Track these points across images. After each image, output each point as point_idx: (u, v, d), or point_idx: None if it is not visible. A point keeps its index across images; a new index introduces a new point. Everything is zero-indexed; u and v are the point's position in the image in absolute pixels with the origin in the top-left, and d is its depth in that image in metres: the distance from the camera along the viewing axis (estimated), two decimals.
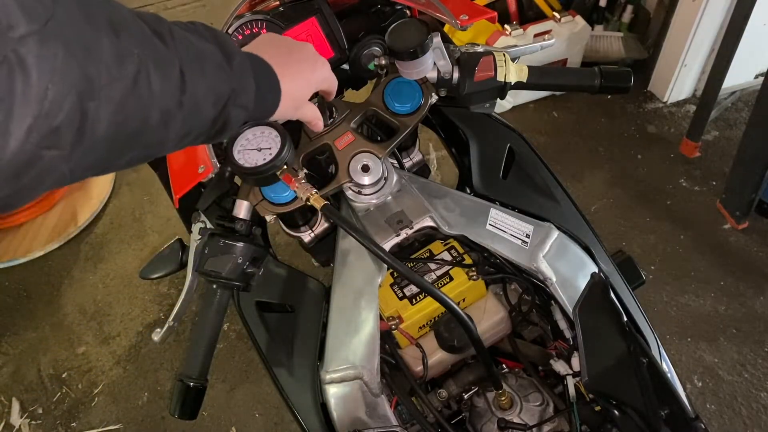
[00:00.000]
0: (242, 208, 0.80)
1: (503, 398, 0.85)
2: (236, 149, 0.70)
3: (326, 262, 0.96)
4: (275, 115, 0.65)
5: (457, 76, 0.85)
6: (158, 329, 0.80)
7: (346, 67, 0.93)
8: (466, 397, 0.90)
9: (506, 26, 2.32)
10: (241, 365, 1.91)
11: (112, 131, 0.42)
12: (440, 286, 0.89)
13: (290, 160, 0.71)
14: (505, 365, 0.95)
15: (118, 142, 0.44)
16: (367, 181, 0.83)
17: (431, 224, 0.83)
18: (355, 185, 0.84)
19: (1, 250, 2.29)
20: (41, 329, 2.09)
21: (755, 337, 1.78)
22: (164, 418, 1.82)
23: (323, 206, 0.70)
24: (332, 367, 0.78)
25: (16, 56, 0.35)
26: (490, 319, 0.91)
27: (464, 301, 0.92)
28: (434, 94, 0.87)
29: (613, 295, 0.83)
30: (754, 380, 1.70)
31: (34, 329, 2.09)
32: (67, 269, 2.26)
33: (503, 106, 2.57)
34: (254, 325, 0.85)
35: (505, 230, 0.84)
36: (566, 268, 0.83)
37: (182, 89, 0.47)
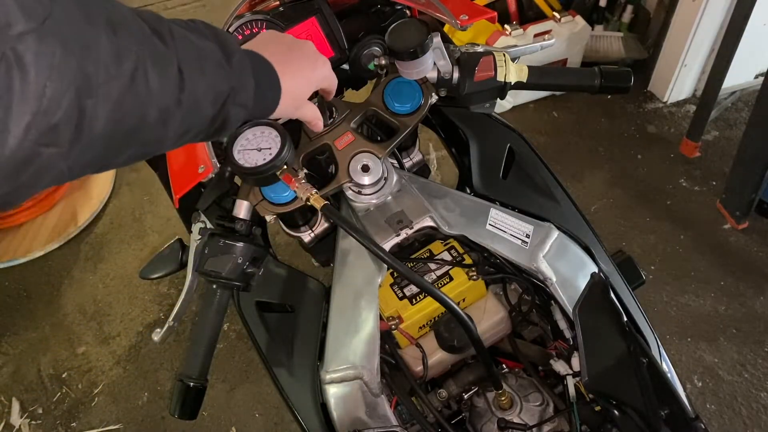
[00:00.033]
0: (242, 208, 0.80)
1: (503, 398, 0.85)
2: (236, 149, 0.70)
3: (326, 262, 0.96)
4: (275, 113, 0.64)
5: (457, 76, 0.85)
6: (158, 329, 0.80)
7: (346, 67, 0.93)
8: (466, 397, 0.90)
9: (506, 26, 2.32)
10: (241, 365, 1.90)
11: (110, 128, 0.42)
12: (440, 286, 0.89)
13: (290, 160, 0.71)
14: (505, 365, 0.95)
15: (116, 139, 0.44)
16: (367, 181, 0.83)
17: (431, 224, 0.83)
18: (355, 185, 0.84)
19: (1, 250, 2.29)
20: (41, 329, 2.09)
21: (755, 337, 1.78)
22: (164, 418, 1.82)
23: (323, 206, 0.70)
24: (332, 367, 0.78)
25: (14, 54, 0.35)
26: (490, 319, 0.91)
27: (464, 301, 0.92)
28: (434, 94, 0.87)
29: (613, 295, 0.83)
30: (754, 380, 1.70)
31: (34, 329, 2.09)
32: (67, 269, 2.26)
33: (503, 106, 2.57)
34: (254, 325, 0.85)
35: (505, 230, 0.84)
36: (566, 268, 0.83)
37: (181, 87, 0.47)
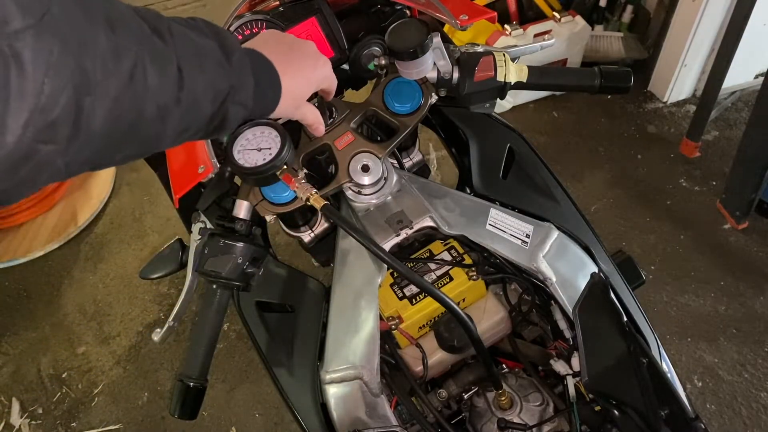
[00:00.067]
0: (242, 208, 0.80)
1: (503, 398, 0.85)
2: (236, 149, 0.70)
3: (326, 262, 0.96)
4: (275, 112, 0.64)
5: (457, 76, 0.85)
6: (158, 329, 0.80)
7: (346, 67, 0.93)
8: (466, 397, 0.90)
9: (506, 26, 2.32)
10: (241, 365, 1.91)
11: (107, 126, 0.42)
12: (440, 286, 0.89)
13: (290, 160, 0.71)
14: (505, 365, 0.95)
15: (114, 136, 0.44)
16: (367, 181, 0.83)
17: (431, 224, 0.83)
18: (355, 185, 0.84)
19: (1, 250, 2.29)
20: (41, 329, 2.09)
21: (755, 337, 1.78)
22: (164, 418, 1.82)
23: (323, 206, 0.70)
24: (332, 367, 0.78)
25: (11, 50, 0.35)
26: (490, 319, 0.91)
27: (464, 301, 0.92)
28: (434, 94, 0.87)
29: (613, 295, 0.83)
30: (754, 380, 1.70)
31: (34, 329, 2.09)
32: (67, 269, 2.26)
33: (503, 106, 2.57)
34: (254, 325, 0.85)
35: (505, 230, 0.84)
36: (566, 268, 0.83)
37: (180, 85, 0.47)
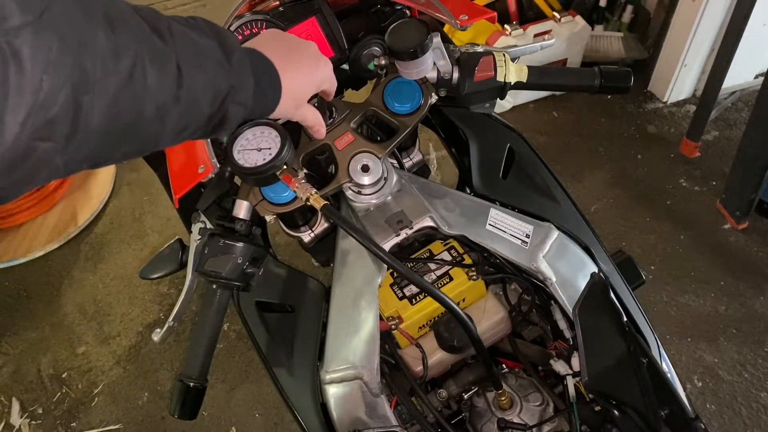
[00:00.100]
0: (242, 208, 0.80)
1: (503, 398, 0.85)
2: (236, 149, 0.70)
3: (326, 262, 0.96)
4: (275, 112, 0.64)
5: (457, 76, 0.85)
6: (158, 329, 0.80)
7: (346, 67, 0.93)
8: (466, 397, 0.90)
9: (506, 26, 2.32)
10: (241, 365, 1.91)
11: (106, 124, 0.42)
12: (440, 286, 0.89)
13: (290, 160, 0.71)
14: (505, 365, 0.95)
15: (112, 135, 0.44)
16: (367, 181, 0.83)
17: (431, 224, 0.83)
18: (355, 185, 0.84)
19: (1, 250, 2.29)
20: (41, 329, 2.09)
21: (755, 337, 1.78)
22: (164, 418, 1.82)
23: (323, 206, 0.70)
24: (332, 367, 0.78)
25: (10, 47, 0.35)
26: (490, 319, 0.91)
27: (464, 301, 0.92)
28: (434, 94, 0.87)
29: (613, 295, 0.83)
30: (754, 380, 1.70)
31: (34, 329, 2.09)
32: (67, 269, 2.26)
33: (503, 106, 2.57)
34: (254, 325, 0.85)
35: (505, 230, 0.84)
36: (566, 268, 0.83)
37: (179, 84, 0.47)
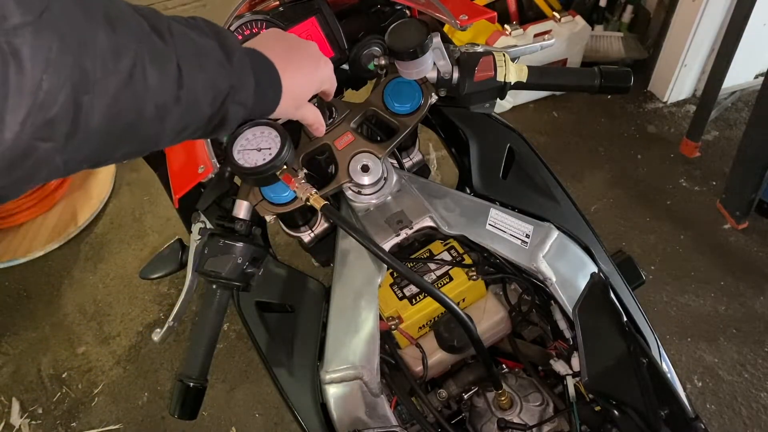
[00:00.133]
0: (242, 208, 0.80)
1: (503, 398, 0.85)
2: (236, 149, 0.70)
3: (326, 262, 0.96)
4: (276, 112, 0.64)
5: (456, 76, 0.85)
6: (158, 329, 0.80)
7: (346, 67, 0.93)
8: (466, 397, 0.90)
9: (506, 26, 2.32)
10: (241, 365, 1.91)
11: (106, 124, 0.42)
12: (440, 286, 0.89)
13: (290, 160, 0.71)
14: (505, 365, 0.95)
15: (112, 135, 0.44)
16: (366, 181, 0.83)
17: (431, 224, 0.83)
18: (354, 185, 0.84)
19: (1, 250, 2.29)
20: (41, 329, 2.09)
21: (755, 337, 1.78)
22: (164, 418, 1.82)
23: (323, 206, 0.70)
24: (332, 367, 0.78)
25: (9, 47, 0.35)
26: (490, 319, 0.91)
27: (464, 301, 0.92)
28: (434, 94, 0.87)
29: (613, 295, 0.83)
30: (754, 380, 1.70)
31: (34, 329, 2.09)
32: (67, 269, 2.26)
33: (503, 106, 2.57)
34: (254, 325, 0.85)
35: (504, 230, 0.84)
36: (566, 268, 0.83)
37: (179, 84, 0.47)
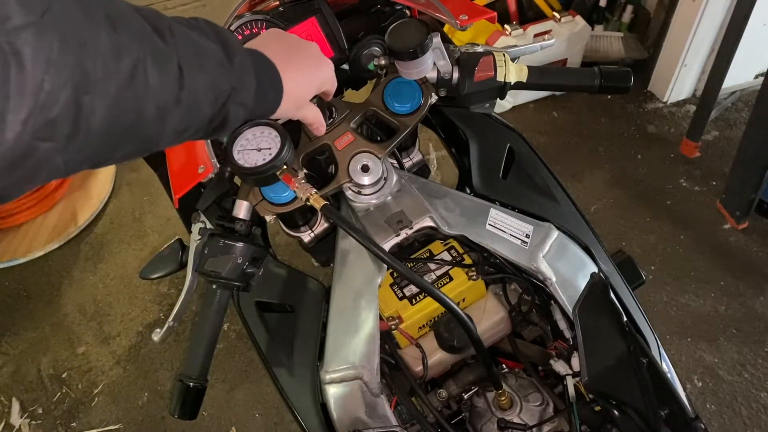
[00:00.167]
0: (242, 208, 0.80)
1: (503, 398, 0.85)
2: (236, 149, 0.70)
3: (326, 262, 0.96)
4: (277, 113, 0.64)
5: (456, 76, 0.85)
6: (158, 329, 0.80)
7: (346, 67, 0.93)
8: (466, 397, 0.90)
9: (506, 26, 2.32)
10: (241, 365, 1.91)
11: (107, 125, 0.42)
12: (440, 286, 0.89)
13: (290, 160, 0.71)
14: (505, 365, 0.95)
15: (113, 135, 0.44)
16: (366, 181, 0.83)
17: (431, 224, 0.83)
18: (354, 185, 0.84)
19: (1, 250, 2.29)
20: (41, 329, 2.09)
21: (755, 337, 1.78)
22: (164, 418, 1.82)
23: (323, 206, 0.70)
24: (332, 367, 0.78)
25: (11, 47, 0.35)
26: (490, 319, 0.91)
27: (464, 301, 0.92)
28: (434, 94, 0.87)
29: (613, 295, 0.83)
30: (754, 380, 1.70)
31: (34, 329, 2.09)
32: (67, 269, 2.26)
33: (503, 106, 2.57)
34: (254, 325, 0.85)
35: (504, 230, 0.84)
36: (566, 268, 0.83)
37: (180, 85, 0.47)
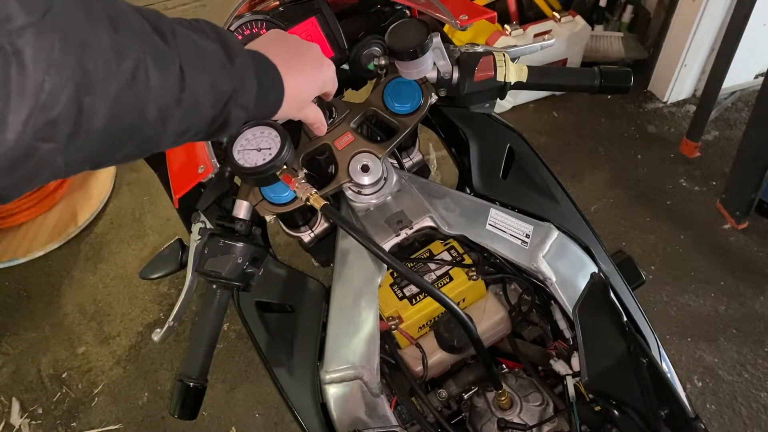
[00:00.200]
0: (242, 208, 0.80)
1: (503, 398, 0.85)
2: (236, 149, 0.70)
3: (326, 262, 0.96)
4: (278, 114, 0.64)
5: (456, 76, 0.85)
6: (158, 329, 0.80)
7: (346, 67, 0.93)
8: (466, 397, 0.90)
9: (506, 26, 2.32)
10: (241, 365, 1.91)
11: (108, 125, 0.42)
12: (440, 286, 0.89)
13: (290, 160, 0.71)
14: (505, 365, 0.95)
15: (114, 136, 0.44)
16: (366, 181, 0.83)
17: (431, 224, 0.83)
18: (354, 185, 0.84)
19: (1, 250, 2.29)
20: (41, 329, 2.09)
21: (755, 337, 1.78)
22: (164, 418, 1.82)
23: (323, 206, 0.70)
24: (332, 367, 0.78)
25: (12, 48, 0.35)
26: (490, 319, 0.91)
27: (464, 301, 0.92)
28: (434, 94, 0.87)
29: (613, 295, 0.83)
30: (754, 380, 1.70)
31: (34, 329, 2.09)
32: (67, 269, 2.26)
33: (503, 106, 2.57)
34: (254, 325, 0.85)
35: (504, 230, 0.84)
36: (566, 268, 0.83)
37: (182, 86, 0.47)
